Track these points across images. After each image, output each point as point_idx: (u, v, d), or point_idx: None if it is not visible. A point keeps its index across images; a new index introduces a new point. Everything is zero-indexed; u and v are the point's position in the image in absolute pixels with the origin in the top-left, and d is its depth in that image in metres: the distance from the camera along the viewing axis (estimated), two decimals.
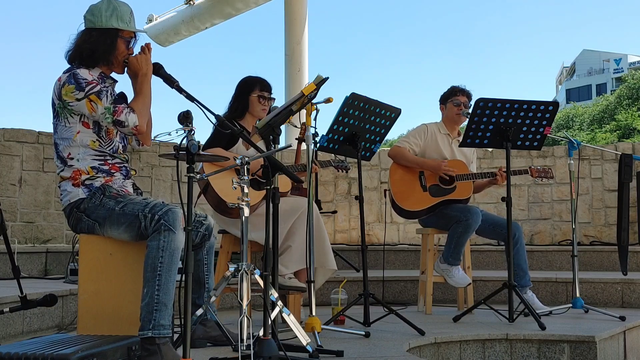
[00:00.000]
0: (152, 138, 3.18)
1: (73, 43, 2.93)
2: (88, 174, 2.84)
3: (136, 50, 2.98)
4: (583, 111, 40.09)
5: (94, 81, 2.80)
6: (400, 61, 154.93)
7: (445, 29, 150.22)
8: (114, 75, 3.01)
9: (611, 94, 43.24)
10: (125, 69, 2.97)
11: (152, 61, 2.89)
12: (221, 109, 3.97)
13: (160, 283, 2.63)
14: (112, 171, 2.90)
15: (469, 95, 4.67)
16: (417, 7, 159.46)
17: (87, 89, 2.77)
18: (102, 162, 2.88)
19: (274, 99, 3.95)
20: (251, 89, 3.92)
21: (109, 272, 2.82)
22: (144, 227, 2.71)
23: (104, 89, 2.82)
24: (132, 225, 2.74)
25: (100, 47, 2.88)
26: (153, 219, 2.69)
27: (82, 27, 2.94)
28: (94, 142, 2.86)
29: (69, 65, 2.92)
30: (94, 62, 2.90)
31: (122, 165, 2.96)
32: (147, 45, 2.93)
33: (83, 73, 2.81)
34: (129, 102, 2.95)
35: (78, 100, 2.78)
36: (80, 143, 2.85)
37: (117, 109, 2.79)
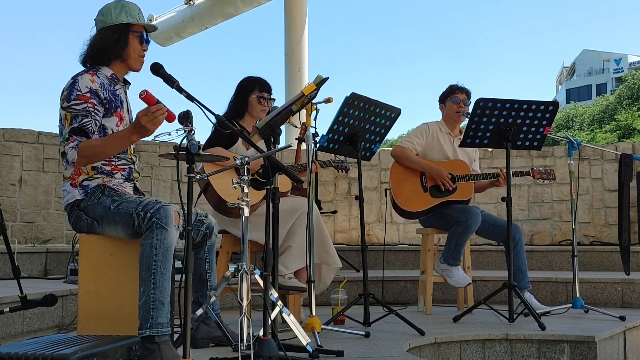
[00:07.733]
0: (153, 138, 3.18)
1: (87, 45, 2.96)
2: (88, 174, 2.85)
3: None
4: (583, 111, 40.05)
5: (86, 97, 2.77)
6: (400, 61, 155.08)
7: (445, 28, 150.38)
8: (124, 75, 3.01)
9: (611, 94, 43.23)
10: (142, 66, 3.00)
11: (152, 61, 2.89)
12: (221, 109, 3.98)
13: (156, 281, 2.63)
14: (114, 172, 2.90)
15: (467, 93, 4.66)
16: (417, 7, 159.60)
17: (72, 103, 2.77)
18: (106, 163, 2.88)
19: (274, 99, 3.95)
20: (250, 89, 3.91)
21: (109, 272, 2.82)
22: (138, 225, 2.70)
23: (91, 109, 2.77)
24: (127, 224, 2.74)
25: (111, 43, 2.91)
26: (145, 217, 2.68)
27: (94, 32, 2.97)
28: None
29: (83, 68, 2.95)
30: (108, 60, 2.93)
31: (127, 166, 2.96)
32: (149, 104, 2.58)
33: (83, 82, 2.80)
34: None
35: (61, 108, 2.81)
36: None
37: (69, 138, 2.75)
